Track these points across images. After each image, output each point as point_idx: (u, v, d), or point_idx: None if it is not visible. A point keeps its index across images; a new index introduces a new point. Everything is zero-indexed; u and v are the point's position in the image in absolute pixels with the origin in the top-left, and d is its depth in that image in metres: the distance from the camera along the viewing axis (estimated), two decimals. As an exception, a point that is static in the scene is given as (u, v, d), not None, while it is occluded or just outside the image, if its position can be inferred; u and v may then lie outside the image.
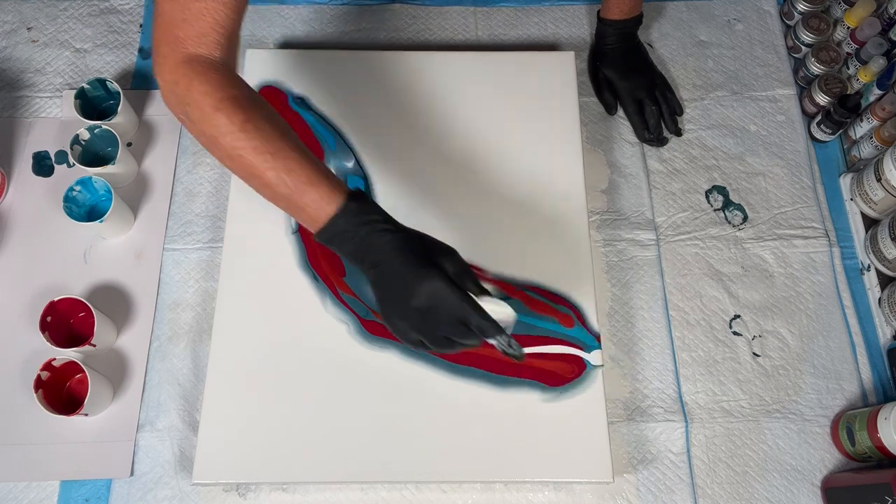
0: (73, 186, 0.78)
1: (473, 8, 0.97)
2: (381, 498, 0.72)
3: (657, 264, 0.83)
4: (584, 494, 0.72)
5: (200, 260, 0.81)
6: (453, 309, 0.55)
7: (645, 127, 0.88)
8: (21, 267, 0.80)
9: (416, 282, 0.55)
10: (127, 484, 0.72)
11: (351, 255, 0.58)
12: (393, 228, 0.57)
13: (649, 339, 0.79)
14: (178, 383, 0.76)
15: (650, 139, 0.88)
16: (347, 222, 0.56)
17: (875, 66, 0.84)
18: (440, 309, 0.55)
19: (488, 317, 0.55)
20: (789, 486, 0.73)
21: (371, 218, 0.57)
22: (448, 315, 0.55)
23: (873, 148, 0.84)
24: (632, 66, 0.89)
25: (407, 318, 0.56)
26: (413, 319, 0.56)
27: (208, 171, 0.86)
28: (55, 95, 0.89)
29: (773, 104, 0.92)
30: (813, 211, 0.86)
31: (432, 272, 0.55)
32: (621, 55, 0.89)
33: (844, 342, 0.80)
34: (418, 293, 0.55)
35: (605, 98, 0.90)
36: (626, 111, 0.90)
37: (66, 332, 0.76)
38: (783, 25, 0.97)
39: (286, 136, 0.57)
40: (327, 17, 0.96)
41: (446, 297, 0.55)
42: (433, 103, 0.83)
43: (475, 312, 0.55)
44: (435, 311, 0.55)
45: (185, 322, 0.79)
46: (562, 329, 0.73)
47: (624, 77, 0.88)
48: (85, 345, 0.72)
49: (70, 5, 0.96)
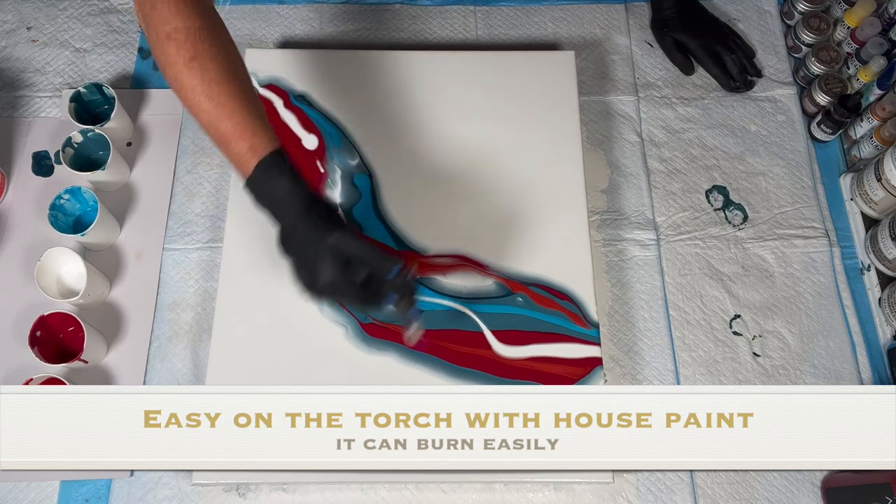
0: (61, 195, 0.78)
1: (473, 8, 0.97)
2: (381, 498, 0.72)
3: (657, 264, 0.83)
4: (584, 494, 0.72)
5: (200, 260, 0.82)
6: (355, 250, 0.56)
7: (730, 76, 0.90)
8: (21, 266, 0.80)
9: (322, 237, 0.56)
10: (127, 484, 0.72)
11: (268, 214, 0.58)
12: (300, 194, 0.57)
13: (649, 339, 0.79)
14: (178, 383, 0.76)
15: (737, 87, 0.91)
16: (261, 181, 0.56)
17: (875, 66, 0.84)
18: (344, 253, 0.56)
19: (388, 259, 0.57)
20: (789, 487, 0.73)
21: (283, 180, 0.57)
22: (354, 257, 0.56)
23: (873, 148, 0.84)
24: (699, 22, 0.93)
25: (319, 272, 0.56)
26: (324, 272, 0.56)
27: (208, 170, 0.86)
28: (55, 95, 0.89)
29: (774, 104, 0.92)
30: (813, 211, 0.86)
31: (333, 228, 0.56)
32: (685, 15, 0.92)
33: (844, 342, 0.80)
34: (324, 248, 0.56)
35: (680, 60, 0.93)
36: (705, 67, 0.92)
37: (56, 347, 0.75)
38: (783, 25, 0.97)
39: (229, 80, 0.57)
40: (327, 16, 0.96)
41: (348, 241, 0.56)
42: (433, 103, 0.83)
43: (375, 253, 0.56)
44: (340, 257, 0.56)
45: (185, 322, 0.79)
46: (569, 325, 0.73)
47: (695, 35, 0.91)
48: (75, 360, 0.72)
49: (70, 5, 0.96)
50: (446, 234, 0.76)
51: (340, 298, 0.60)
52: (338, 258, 0.56)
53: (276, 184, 0.56)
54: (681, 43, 0.92)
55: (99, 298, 0.78)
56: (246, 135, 0.56)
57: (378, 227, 0.77)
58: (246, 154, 0.56)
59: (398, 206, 0.78)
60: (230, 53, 0.58)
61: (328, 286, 0.56)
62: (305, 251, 0.57)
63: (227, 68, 0.57)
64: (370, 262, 0.57)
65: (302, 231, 0.56)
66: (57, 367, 0.72)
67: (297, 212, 0.56)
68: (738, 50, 0.91)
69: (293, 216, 0.56)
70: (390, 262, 0.57)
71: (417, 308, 0.61)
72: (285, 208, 0.57)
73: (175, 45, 0.55)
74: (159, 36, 0.56)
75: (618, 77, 0.93)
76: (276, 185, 0.56)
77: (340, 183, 0.79)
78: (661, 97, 0.92)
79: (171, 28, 0.55)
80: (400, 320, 0.61)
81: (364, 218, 0.77)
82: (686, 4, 0.92)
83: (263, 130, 0.57)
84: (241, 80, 0.58)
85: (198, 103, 0.56)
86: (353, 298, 0.57)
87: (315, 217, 0.56)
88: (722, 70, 0.91)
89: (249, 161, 0.56)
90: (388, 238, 0.76)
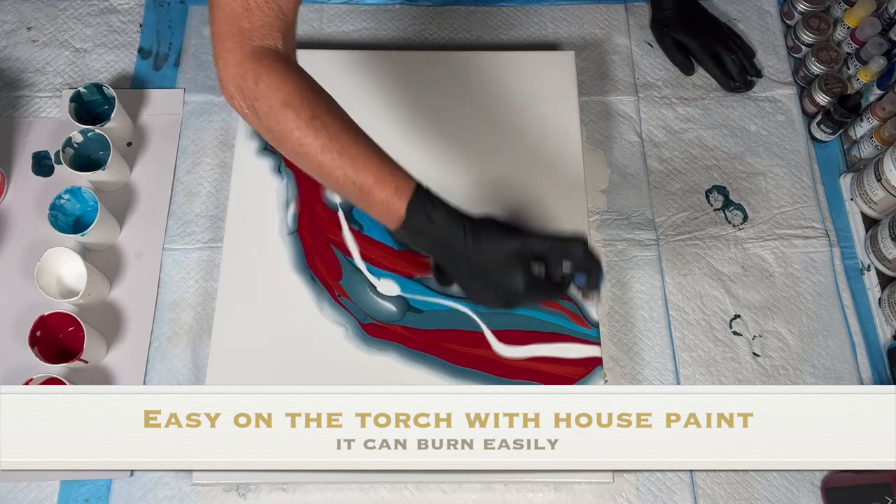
0: (61, 195, 0.78)
1: (473, 8, 0.97)
2: (381, 498, 0.72)
3: (657, 264, 0.83)
4: (583, 494, 0.72)
5: (200, 260, 0.82)
6: (537, 248, 0.57)
7: (730, 76, 0.90)
8: (21, 266, 0.80)
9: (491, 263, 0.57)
10: (127, 484, 0.72)
11: (428, 250, 0.59)
12: (458, 219, 0.57)
13: (649, 339, 0.79)
14: (178, 383, 0.76)
15: (737, 87, 0.91)
16: (416, 220, 0.56)
17: (875, 66, 0.84)
18: (511, 259, 0.57)
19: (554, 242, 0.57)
20: (789, 487, 0.73)
21: (438, 212, 0.56)
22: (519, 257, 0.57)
23: (873, 148, 0.84)
24: (698, 23, 0.93)
25: (512, 285, 0.57)
26: (499, 288, 0.57)
27: (208, 171, 0.86)
28: (55, 95, 0.89)
29: (773, 104, 0.92)
30: (813, 211, 0.86)
31: (507, 237, 0.57)
32: (685, 16, 0.92)
33: (844, 342, 0.80)
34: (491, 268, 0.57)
35: (680, 60, 0.93)
36: (705, 67, 0.92)
37: (56, 347, 0.75)
38: (783, 25, 0.97)
39: (351, 130, 0.56)
40: (327, 16, 0.96)
41: (527, 242, 0.57)
42: (433, 104, 0.83)
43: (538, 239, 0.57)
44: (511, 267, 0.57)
45: (185, 322, 0.79)
46: (569, 324, 0.73)
47: (694, 36, 0.91)
48: (75, 360, 0.72)
49: (70, 5, 0.96)
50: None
51: (539, 300, 0.60)
52: (525, 263, 0.56)
53: (434, 217, 0.56)
54: (681, 43, 0.92)
55: (99, 298, 0.78)
56: (387, 180, 0.55)
57: (378, 227, 0.77)
58: (392, 198, 0.55)
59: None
60: (339, 108, 0.57)
61: (527, 295, 0.57)
62: (490, 271, 0.57)
63: (345, 120, 0.56)
64: (556, 253, 0.57)
65: (478, 252, 0.56)
66: (57, 367, 0.72)
67: (465, 236, 0.56)
68: (738, 50, 0.91)
69: (461, 242, 0.56)
70: (573, 245, 0.57)
71: (602, 276, 0.60)
72: (452, 237, 0.56)
73: (293, 111, 0.54)
74: (273, 107, 0.54)
75: (618, 77, 0.93)
76: (434, 219, 0.56)
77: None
78: (661, 97, 0.92)
79: (285, 95, 0.54)
80: (586, 294, 0.60)
81: (365, 217, 0.77)
82: (686, 4, 0.92)
83: (400, 171, 0.56)
84: (361, 131, 0.57)
85: (328, 162, 0.54)
86: (551, 295, 0.58)
87: (485, 233, 0.56)
88: (722, 70, 0.91)
89: (398, 204, 0.55)
90: (388, 238, 0.76)
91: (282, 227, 0.77)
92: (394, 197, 0.55)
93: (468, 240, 0.56)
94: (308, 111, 0.54)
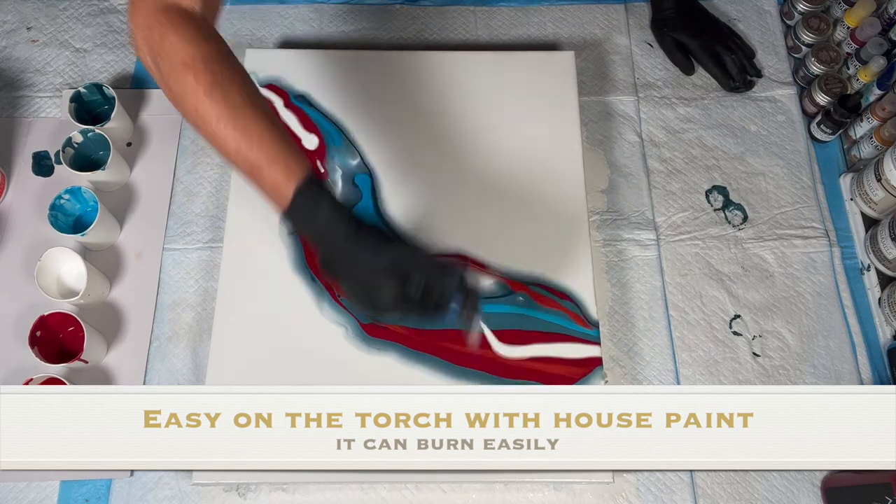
0: (61, 195, 0.78)
1: (473, 8, 0.97)
2: (381, 498, 0.72)
3: (657, 264, 0.83)
4: (584, 494, 0.72)
5: (200, 260, 0.82)
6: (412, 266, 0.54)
7: (730, 76, 0.91)
8: (21, 266, 0.80)
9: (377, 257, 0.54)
10: (127, 484, 0.72)
11: (311, 241, 0.57)
12: (342, 217, 0.56)
13: (649, 339, 0.79)
14: (178, 383, 0.76)
15: (737, 87, 0.91)
16: (301, 208, 0.54)
17: (875, 66, 0.84)
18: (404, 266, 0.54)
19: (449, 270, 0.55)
20: (789, 487, 0.73)
21: (323, 205, 0.55)
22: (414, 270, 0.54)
23: (873, 148, 0.84)
24: (698, 23, 0.93)
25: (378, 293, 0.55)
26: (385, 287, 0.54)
27: (208, 171, 0.86)
28: (55, 95, 0.89)
29: (773, 104, 0.92)
30: (813, 211, 0.86)
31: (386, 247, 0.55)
32: (685, 16, 0.92)
33: (844, 342, 0.80)
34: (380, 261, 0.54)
35: (680, 60, 0.93)
36: (705, 67, 0.92)
37: (56, 347, 0.75)
38: (783, 25, 0.97)
39: (252, 105, 0.54)
40: (327, 17, 0.96)
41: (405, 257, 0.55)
42: (433, 103, 0.83)
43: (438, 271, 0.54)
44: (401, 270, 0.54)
45: (185, 322, 0.79)
46: (570, 324, 0.73)
47: (694, 36, 0.91)
48: (75, 360, 0.72)
49: (70, 5, 0.96)
50: (447, 234, 0.76)
51: (403, 316, 0.57)
52: (396, 276, 0.54)
53: (319, 208, 0.54)
54: (681, 43, 0.92)
55: (99, 298, 0.78)
56: (279, 161, 0.54)
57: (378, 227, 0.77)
58: (282, 181, 0.54)
59: (399, 206, 0.78)
60: (246, 79, 0.56)
61: (390, 306, 0.54)
62: (361, 273, 0.55)
63: (249, 93, 0.55)
64: (429, 275, 0.54)
65: (354, 253, 0.54)
66: (57, 367, 0.72)
67: (346, 234, 0.54)
68: (738, 50, 0.91)
69: (341, 239, 0.54)
70: (450, 273, 0.55)
71: (481, 312, 0.57)
72: (333, 232, 0.55)
73: (193, 74, 0.52)
74: (174, 66, 0.53)
75: (618, 77, 0.93)
76: (319, 210, 0.54)
77: (341, 182, 0.79)
78: (661, 97, 0.92)
79: (188, 56, 0.52)
80: (462, 326, 0.58)
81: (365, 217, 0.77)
82: (686, 4, 0.92)
83: (296, 155, 0.55)
84: (262, 105, 0.55)
85: (222, 132, 0.53)
86: (416, 314, 0.55)
87: (364, 237, 0.55)
88: (722, 70, 0.91)
89: (286, 188, 0.54)
90: (388, 238, 0.76)
91: (282, 227, 0.77)
92: (284, 180, 0.54)
93: (347, 241, 0.55)
94: (209, 77, 0.52)
